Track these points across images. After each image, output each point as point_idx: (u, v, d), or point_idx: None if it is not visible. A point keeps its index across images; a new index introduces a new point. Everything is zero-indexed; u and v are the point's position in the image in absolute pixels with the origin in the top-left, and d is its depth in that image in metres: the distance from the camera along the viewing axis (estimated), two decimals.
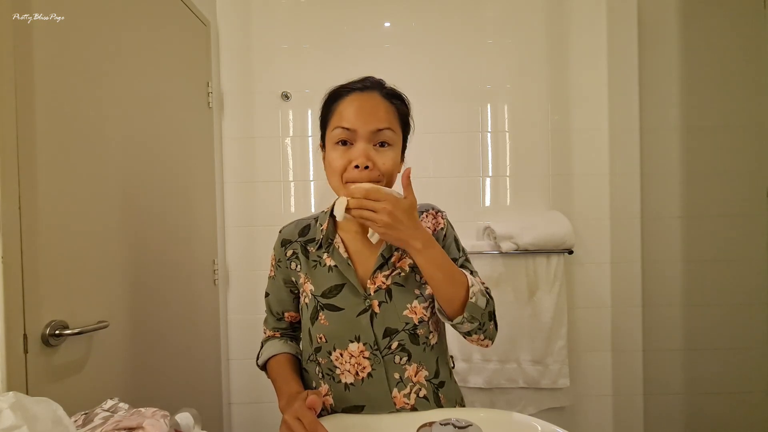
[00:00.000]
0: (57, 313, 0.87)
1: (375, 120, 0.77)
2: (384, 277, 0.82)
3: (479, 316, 0.77)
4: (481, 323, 0.78)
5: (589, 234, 1.68)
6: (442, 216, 0.89)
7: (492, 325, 0.82)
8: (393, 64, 1.69)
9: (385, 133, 0.78)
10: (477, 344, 0.83)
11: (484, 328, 0.80)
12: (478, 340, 0.82)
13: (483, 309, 0.78)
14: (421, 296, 0.82)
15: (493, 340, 0.83)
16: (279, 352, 0.91)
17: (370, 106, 0.78)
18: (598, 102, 1.67)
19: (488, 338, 0.82)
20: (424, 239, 0.74)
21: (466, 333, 0.81)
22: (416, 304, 0.81)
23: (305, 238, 0.89)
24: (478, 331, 0.79)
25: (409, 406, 0.81)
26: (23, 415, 0.48)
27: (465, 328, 0.79)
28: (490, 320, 0.81)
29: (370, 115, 0.77)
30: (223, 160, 1.71)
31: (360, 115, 0.77)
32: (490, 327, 0.81)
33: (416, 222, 0.73)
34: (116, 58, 1.09)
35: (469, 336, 0.81)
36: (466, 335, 0.82)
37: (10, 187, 0.78)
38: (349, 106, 0.78)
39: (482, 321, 0.78)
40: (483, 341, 0.82)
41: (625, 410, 1.69)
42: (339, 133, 0.78)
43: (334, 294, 0.83)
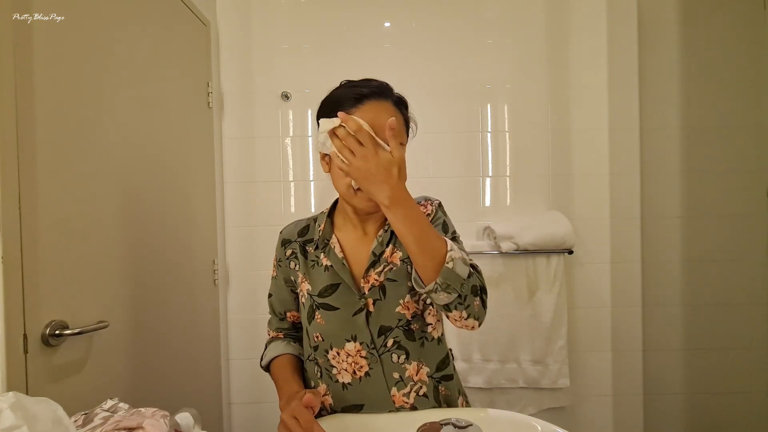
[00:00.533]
0: (57, 313, 0.87)
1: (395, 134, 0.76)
2: (377, 275, 0.82)
3: (458, 286, 0.70)
4: (461, 296, 0.71)
5: (589, 234, 1.68)
6: (431, 203, 0.87)
7: (477, 301, 0.74)
8: (393, 64, 1.69)
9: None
10: (461, 325, 0.76)
11: (465, 302, 0.72)
12: (461, 319, 0.74)
13: (463, 278, 0.70)
14: (413, 289, 0.81)
15: (479, 321, 0.76)
16: (282, 353, 0.91)
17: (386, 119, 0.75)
18: (598, 102, 1.67)
19: (472, 317, 0.74)
20: (395, 197, 0.68)
21: (446, 308, 0.74)
22: (408, 299, 0.81)
23: (304, 238, 0.90)
24: (459, 306, 0.72)
25: (409, 405, 0.82)
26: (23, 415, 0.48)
27: (441, 299, 0.71)
28: (475, 295, 0.73)
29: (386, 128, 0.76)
30: (223, 160, 1.71)
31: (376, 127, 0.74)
32: (475, 303, 0.74)
33: (391, 178, 0.68)
34: (116, 58, 1.09)
35: (449, 312, 0.74)
36: (446, 311, 0.74)
37: (10, 187, 0.78)
38: (365, 115, 0.75)
39: (462, 293, 0.71)
40: (466, 320, 0.74)
41: (625, 410, 1.69)
42: None
43: (329, 293, 0.83)
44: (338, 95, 0.80)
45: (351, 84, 0.82)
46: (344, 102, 0.78)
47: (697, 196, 1.74)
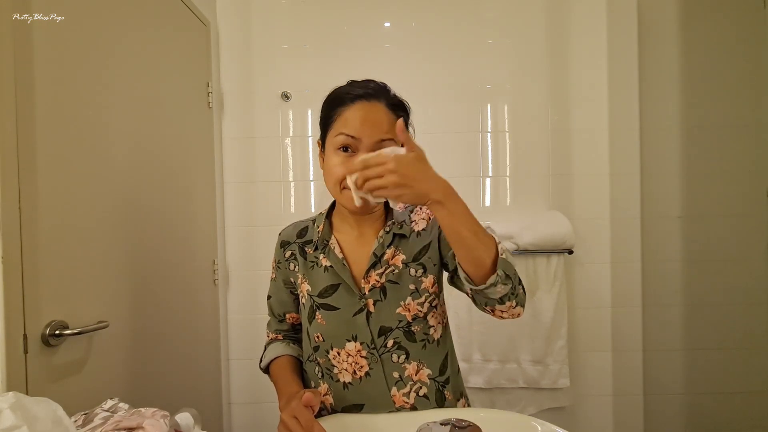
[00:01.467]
0: (57, 313, 0.87)
1: (379, 131, 0.77)
2: (378, 276, 0.82)
3: (512, 275, 0.70)
4: (513, 286, 0.71)
5: (589, 234, 1.68)
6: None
7: (521, 288, 0.74)
8: (393, 65, 1.69)
9: (388, 144, 0.77)
10: (508, 315, 0.75)
11: (515, 291, 0.72)
12: (510, 309, 0.73)
13: (515, 268, 0.71)
14: (416, 291, 0.82)
15: (524, 307, 0.75)
16: (281, 354, 0.92)
17: (376, 117, 0.77)
18: (598, 102, 1.67)
19: (520, 304, 0.74)
20: (444, 189, 0.67)
21: (499, 301, 0.72)
22: (410, 301, 0.81)
23: (303, 239, 0.90)
24: (511, 296, 0.71)
25: (409, 405, 0.82)
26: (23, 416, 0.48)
27: (498, 292, 0.69)
28: (519, 283, 0.74)
29: (374, 126, 0.76)
30: (223, 160, 1.71)
31: (365, 124, 0.76)
32: (520, 291, 0.74)
33: (428, 173, 0.66)
34: (116, 58, 1.09)
35: (501, 304, 0.72)
36: (498, 304, 0.72)
37: (10, 187, 0.78)
38: (355, 114, 0.77)
39: (515, 282, 0.71)
40: (515, 308, 0.74)
41: (625, 410, 1.69)
42: (342, 140, 0.77)
43: (329, 293, 0.83)
44: (338, 93, 0.82)
45: (352, 83, 0.83)
46: (342, 100, 0.80)
47: (697, 196, 1.74)
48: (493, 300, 0.72)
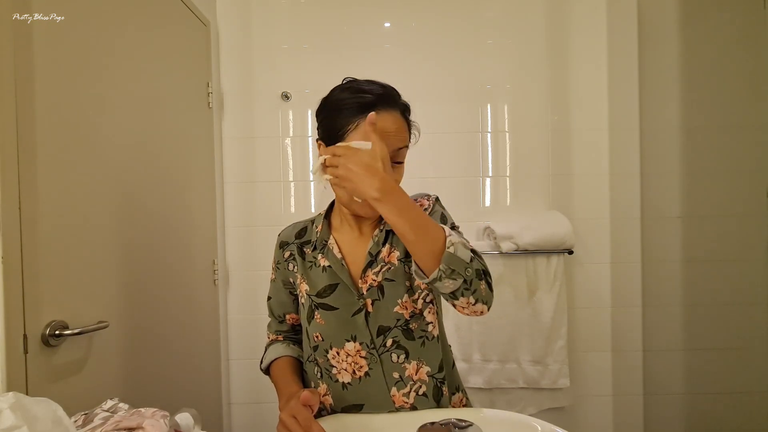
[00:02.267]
0: (57, 313, 0.87)
1: (397, 141, 0.77)
2: (374, 275, 0.82)
3: (462, 270, 0.68)
4: (467, 280, 0.69)
5: (589, 234, 1.68)
6: (427, 199, 0.87)
7: (483, 285, 0.72)
8: (393, 65, 1.69)
9: (402, 151, 0.79)
10: (469, 312, 0.74)
11: (472, 287, 0.70)
12: (468, 305, 0.72)
13: (466, 262, 0.69)
14: (411, 288, 0.82)
15: (488, 305, 0.74)
16: (281, 355, 0.92)
17: (394, 128, 0.77)
18: (598, 102, 1.67)
19: (480, 301, 0.72)
20: (383, 188, 0.67)
21: (452, 296, 0.71)
22: (407, 298, 0.81)
23: (302, 240, 0.90)
24: (465, 291, 0.70)
25: (409, 404, 0.81)
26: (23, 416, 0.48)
27: (447, 287, 0.69)
28: (480, 279, 0.71)
29: (395, 137, 0.76)
30: (223, 160, 1.71)
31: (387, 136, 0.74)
32: (481, 287, 0.71)
33: (374, 172, 0.67)
34: (116, 58, 1.09)
35: (456, 300, 0.72)
36: (453, 299, 0.72)
37: (10, 187, 0.78)
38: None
39: (467, 278, 0.69)
40: (474, 306, 0.72)
41: (625, 410, 1.69)
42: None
43: (328, 293, 0.83)
44: (342, 101, 0.77)
45: (355, 87, 0.78)
46: (350, 107, 0.75)
47: (697, 196, 1.74)
48: (446, 294, 0.72)
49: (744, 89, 1.73)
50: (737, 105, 1.73)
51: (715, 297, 1.74)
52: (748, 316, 1.74)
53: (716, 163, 1.74)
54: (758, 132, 1.73)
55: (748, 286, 1.73)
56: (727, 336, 1.74)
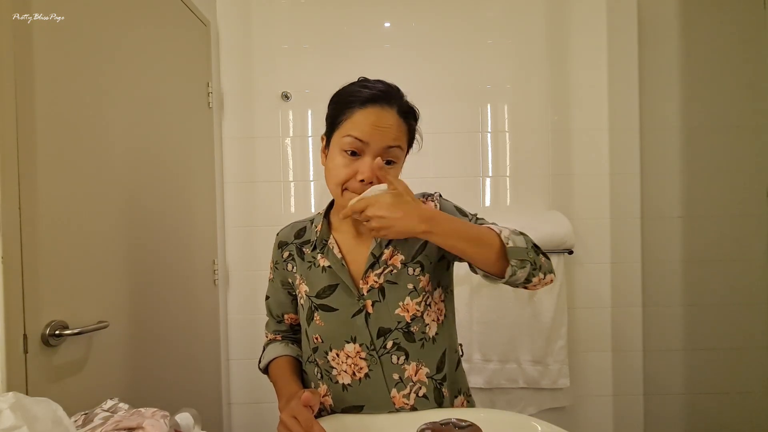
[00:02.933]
0: (57, 313, 0.87)
1: (387, 138, 0.76)
2: (376, 276, 0.82)
3: (526, 256, 0.72)
4: (533, 263, 0.74)
5: (589, 234, 1.68)
6: (432, 198, 0.87)
7: (542, 257, 0.77)
8: (393, 65, 1.69)
9: (394, 150, 0.78)
10: (541, 286, 0.78)
11: (537, 265, 0.75)
12: (541, 282, 0.77)
13: (525, 247, 0.74)
14: (415, 291, 0.81)
15: (553, 272, 0.79)
16: (280, 355, 0.91)
17: (387, 123, 0.76)
18: (598, 102, 1.67)
19: (548, 272, 0.77)
20: (425, 220, 0.69)
21: (526, 281, 0.75)
22: (408, 301, 0.81)
23: (301, 240, 0.90)
24: (535, 271, 0.74)
25: (409, 406, 0.81)
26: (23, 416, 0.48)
27: (522, 277, 0.73)
28: (538, 254, 0.76)
29: (384, 132, 0.76)
30: (223, 160, 1.71)
31: (375, 130, 0.75)
32: (542, 260, 0.76)
33: (409, 208, 0.69)
34: (116, 58, 1.09)
35: (529, 283, 0.76)
36: (525, 284, 0.76)
37: (10, 187, 0.78)
38: (366, 118, 0.76)
39: (531, 259, 0.73)
40: (545, 278, 0.77)
41: (625, 410, 1.69)
42: (350, 142, 0.76)
43: (327, 294, 0.83)
44: (350, 92, 0.80)
45: (361, 83, 0.81)
46: (353, 101, 0.78)
47: (697, 196, 1.74)
48: (521, 283, 0.76)
49: (744, 89, 1.73)
50: (737, 105, 1.73)
51: (715, 297, 1.74)
52: (748, 316, 1.73)
53: (716, 163, 1.74)
54: (758, 132, 1.73)
55: (748, 286, 1.73)
56: (727, 336, 1.74)
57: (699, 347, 1.75)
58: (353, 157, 0.77)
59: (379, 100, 0.77)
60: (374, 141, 0.75)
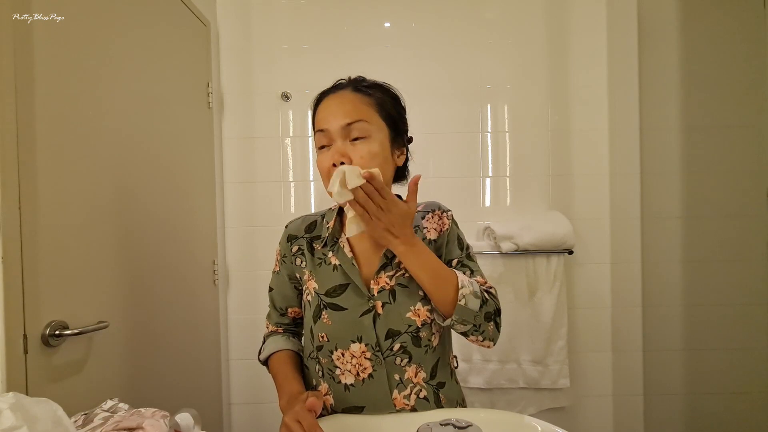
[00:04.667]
0: (57, 314, 0.87)
1: (342, 115, 0.77)
2: (388, 278, 0.81)
3: (471, 319, 0.76)
4: (476, 325, 0.77)
5: (589, 234, 1.68)
6: (447, 216, 0.87)
7: (491, 326, 0.80)
8: (393, 65, 1.69)
9: (356, 126, 0.77)
10: (477, 345, 0.82)
11: (480, 329, 0.78)
12: (477, 341, 0.81)
13: (475, 311, 0.76)
14: (425, 298, 0.81)
15: (494, 341, 0.82)
16: (281, 348, 0.90)
17: (338, 103, 0.79)
18: (598, 102, 1.67)
19: (487, 339, 0.80)
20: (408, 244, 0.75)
21: (463, 335, 0.80)
22: (420, 306, 0.81)
23: (311, 234, 0.89)
24: (475, 332, 0.78)
25: (409, 407, 0.81)
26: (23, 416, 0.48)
27: (458, 329, 0.79)
28: (488, 321, 0.79)
29: (337, 112, 0.78)
30: (223, 160, 1.71)
31: (329, 114, 0.79)
32: (489, 328, 0.79)
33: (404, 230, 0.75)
34: (116, 58, 1.09)
35: (467, 337, 0.80)
36: (464, 336, 0.81)
37: (10, 187, 0.78)
38: (323, 109, 0.81)
39: (476, 323, 0.77)
40: (482, 342, 0.81)
41: (625, 410, 1.69)
42: (318, 137, 0.81)
43: (338, 293, 0.82)
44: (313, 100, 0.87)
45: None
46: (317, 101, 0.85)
47: (697, 196, 1.74)
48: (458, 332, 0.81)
49: (744, 89, 1.73)
50: (737, 105, 1.73)
51: (715, 297, 1.74)
52: (748, 316, 1.74)
53: (716, 163, 1.74)
54: (758, 132, 1.73)
55: (748, 286, 1.73)
56: (727, 336, 1.74)
57: (699, 347, 1.75)
58: (326, 149, 0.80)
59: (333, 90, 0.83)
60: (331, 124, 0.78)
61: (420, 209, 0.88)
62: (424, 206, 0.89)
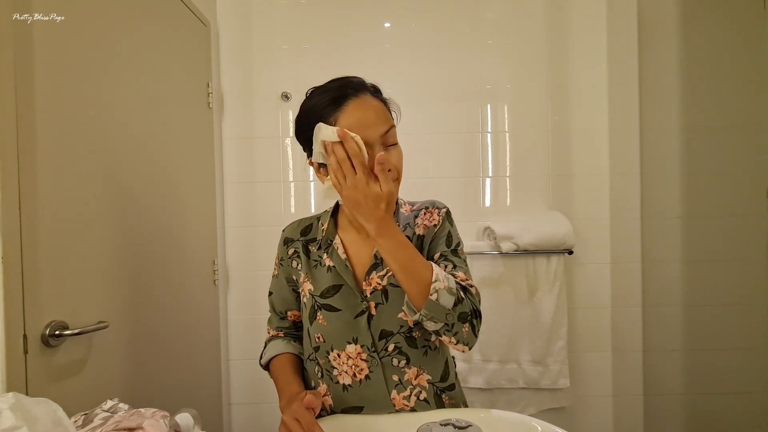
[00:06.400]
0: (57, 314, 0.87)
1: (381, 124, 0.75)
2: (379, 278, 0.82)
3: (441, 316, 0.71)
4: (448, 324, 0.72)
5: (589, 234, 1.68)
6: (438, 212, 0.86)
7: (467, 327, 0.73)
8: (393, 65, 1.69)
9: (391, 132, 0.77)
10: (452, 347, 0.77)
11: (453, 330, 0.72)
12: (450, 343, 0.75)
13: (447, 308, 0.71)
14: None
15: (469, 345, 0.75)
16: (282, 352, 0.91)
17: (373, 112, 0.75)
18: (598, 102, 1.67)
19: (461, 342, 0.74)
20: (381, 229, 0.71)
21: (435, 333, 0.75)
22: None
23: (307, 237, 0.90)
24: (446, 332, 0.73)
25: (409, 407, 0.81)
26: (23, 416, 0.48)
27: (430, 327, 0.73)
28: (463, 322, 0.73)
29: (376, 121, 0.74)
30: (223, 160, 1.71)
31: (367, 124, 0.73)
32: (463, 330, 0.73)
33: (378, 212, 0.70)
34: (116, 58, 1.09)
35: (439, 336, 0.75)
36: (436, 335, 0.76)
37: (10, 187, 0.78)
38: (352, 117, 0.73)
39: (448, 322, 0.71)
40: (456, 345, 0.75)
41: (625, 410, 1.69)
42: None
43: (331, 294, 0.83)
44: (314, 105, 0.76)
45: (320, 90, 0.78)
46: (324, 109, 0.75)
47: (697, 196, 1.74)
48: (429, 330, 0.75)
49: (744, 89, 1.73)
50: (737, 105, 1.73)
51: (715, 297, 1.74)
52: (748, 316, 1.74)
53: (716, 163, 1.74)
54: (758, 132, 1.73)
55: (748, 286, 1.73)
56: (727, 336, 1.74)
57: (699, 347, 1.75)
58: None
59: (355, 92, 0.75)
60: (371, 134, 0.73)
61: (415, 208, 0.88)
62: (420, 204, 0.89)
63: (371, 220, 0.70)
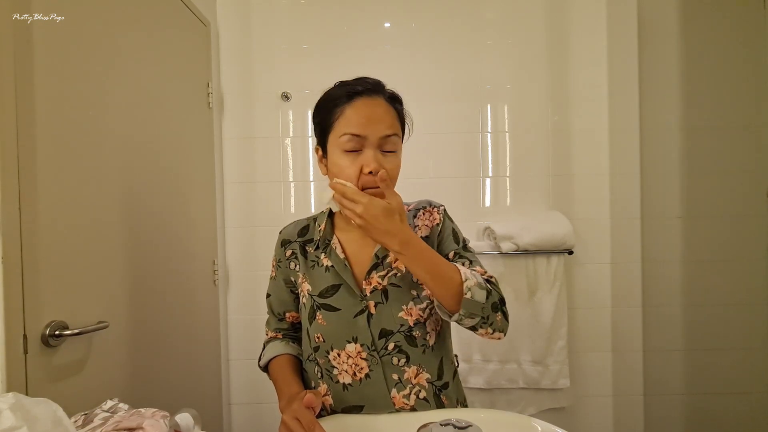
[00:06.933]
0: (57, 314, 0.87)
1: (384, 127, 0.77)
2: (380, 278, 0.82)
3: (479, 311, 0.74)
4: (484, 317, 0.75)
5: (589, 234, 1.68)
6: (438, 211, 0.87)
7: (499, 316, 0.77)
8: (393, 65, 1.69)
9: (392, 139, 0.79)
10: (488, 338, 0.79)
11: (489, 321, 0.76)
12: (487, 334, 0.78)
13: (482, 303, 0.74)
14: (418, 297, 0.82)
15: (504, 332, 0.79)
16: (280, 353, 0.91)
17: (379, 113, 0.78)
18: (598, 102, 1.67)
19: (498, 330, 0.78)
20: (404, 242, 0.72)
21: (472, 329, 0.77)
22: (412, 306, 0.81)
23: (304, 238, 0.90)
24: (484, 324, 0.76)
25: (409, 406, 0.81)
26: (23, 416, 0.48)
27: (467, 324, 0.76)
28: (496, 311, 0.76)
29: (379, 122, 0.77)
30: (223, 160, 1.71)
31: (369, 121, 0.76)
32: (497, 319, 0.77)
33: (392, 224, 0.71)
34: (116, 58, 1.09)
35: (475, 331, 0.77)
36: (473, 330, 0.78)
37: (10, 187, 0.78)
38: (358, 112, 0.77)
39: (484, 315, 0.75)
40: (493, 335, 0.78)
41: (625, 410, 1.69)
42: (348, 140, 0.76)
43: (330, 294, 0.83)
44: (331, 94, 0.82)
45: (344, 83, 0.83)
46: (337, 100, 0.79)
47: (697, 196, 1.74)
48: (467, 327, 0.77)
49: (744, 89, 1.73)
50: (737, 105, 1.73)
51: (715, 297, 1.74)
52: (748, 316, 1.74)
53: (716, 163, 1.74)
54: (758, 132, 1.73)
55: (748, 286, 1.73)
56: (727, 336, 1.74)
57: (699, 347, 1.75)
58: (355, 154, 0.77)
59: (365, 93, 0.79)
60: (371, 132, 0.76)
61: (411, 208, 0.89)
62: (415, 204, 0.89)
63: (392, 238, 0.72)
